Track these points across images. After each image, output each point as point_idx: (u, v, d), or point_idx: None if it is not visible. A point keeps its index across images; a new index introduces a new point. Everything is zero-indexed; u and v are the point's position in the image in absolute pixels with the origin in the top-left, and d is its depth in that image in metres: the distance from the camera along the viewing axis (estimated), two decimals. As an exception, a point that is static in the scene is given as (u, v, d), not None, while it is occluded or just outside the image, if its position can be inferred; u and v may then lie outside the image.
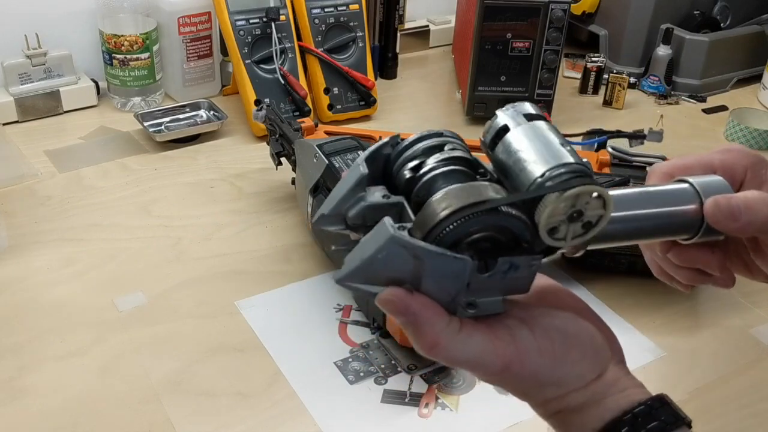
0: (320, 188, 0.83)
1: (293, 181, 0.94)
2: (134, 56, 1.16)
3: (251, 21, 1.13)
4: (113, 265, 0.87)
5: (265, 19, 1.13)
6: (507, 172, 0.39)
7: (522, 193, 0.37)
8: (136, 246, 0.90)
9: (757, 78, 1.38)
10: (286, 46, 1.15)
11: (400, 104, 1.28)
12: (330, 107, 1.19)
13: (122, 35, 1.14)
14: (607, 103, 1.31)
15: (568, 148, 0.38)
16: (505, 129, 0.39)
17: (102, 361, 0.74)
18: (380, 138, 0.99)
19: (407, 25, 1.43)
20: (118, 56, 1.15)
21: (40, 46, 1.14)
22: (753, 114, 1.25)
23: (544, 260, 0.39)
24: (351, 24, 1.20)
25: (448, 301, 0.38)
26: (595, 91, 1.34)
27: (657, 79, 1.34)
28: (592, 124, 1.12)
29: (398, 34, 1.33)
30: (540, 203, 0.37)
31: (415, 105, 1.29)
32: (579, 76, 1.37)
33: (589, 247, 0.42)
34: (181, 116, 1.17)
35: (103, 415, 0.68)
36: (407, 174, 0.39)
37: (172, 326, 0.79)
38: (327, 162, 0.82)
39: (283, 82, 1.14)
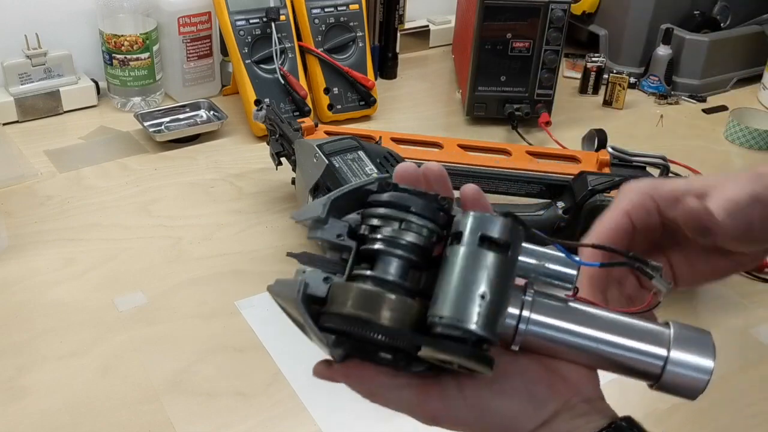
0: (320, 188, 0.83)
1: (293, 181, 0.94)
2: (134, 56, 1.16)
3: (251, 21, 1.13)
4: (113, 265, 0.87)
5: (265, 19, 1.13)
6: (440, 276, 0.40)
7: (397, 330, 0.38)
8: (136, 246, 0.90)
9: (757, 78, 1.38)
10: (286, 46, 1.15)
11: (400, 104, 1.28)
12: (330, 107, 1.19)
13: (122, 35, 1.14)
14: (607, 103, 1.31)
15: (488, 300, 0.37)
16: (458, 235, 0.39)
17: (102, 361, 0.74)
18: (380, 138, 0.99)
19: (407, 25, 1.43)
20: (118, 56, 1.15)
21: (40, 46, 1.14)
22: (753, 114, 1.25)
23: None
24: (351, 24, 1.20)
25: None
26: (595, 91, 1.34)
27: (657, 79, 1.34)
28: (592, 124, 1.12)
29: (398, 34, 1.33)
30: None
31: (415, 105, 1.29)
32: (579, 76, 1.36)
33: (513, 347, 0.41)
34: (181, 116, 1.17)
35: (103, 415, 0.68)
36: (364, 228, 0.41)
37: (172, 326, 0.79)
38: (327, 162, 0.82)
39: (283, 82, 1.14)
